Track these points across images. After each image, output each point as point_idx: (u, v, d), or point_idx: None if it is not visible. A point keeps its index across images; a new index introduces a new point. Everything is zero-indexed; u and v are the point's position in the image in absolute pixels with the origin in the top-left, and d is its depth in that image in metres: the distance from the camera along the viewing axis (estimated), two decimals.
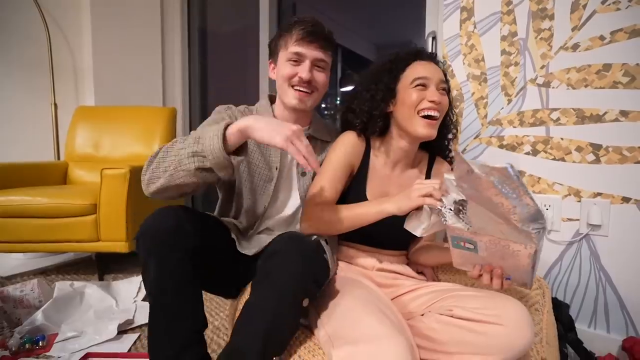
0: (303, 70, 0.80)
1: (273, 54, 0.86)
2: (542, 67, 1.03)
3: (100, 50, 1.99)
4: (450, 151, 0.91)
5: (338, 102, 2.59)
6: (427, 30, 1.32)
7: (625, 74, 0.91)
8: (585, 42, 0.96)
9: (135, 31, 2.12)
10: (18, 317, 1.10)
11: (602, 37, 0.93)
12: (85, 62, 2.03)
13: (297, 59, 0.81)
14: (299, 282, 0.61)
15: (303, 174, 0.88)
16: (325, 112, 2.78)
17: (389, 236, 0.83)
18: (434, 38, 1.27)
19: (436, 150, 0.90)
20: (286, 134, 0.61)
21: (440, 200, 0.63)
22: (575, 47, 0.97)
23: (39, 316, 1.07)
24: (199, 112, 2.37)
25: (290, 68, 0.81)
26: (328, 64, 0.85)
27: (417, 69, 0.79)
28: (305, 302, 0.63)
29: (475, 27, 1.14)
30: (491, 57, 1.11)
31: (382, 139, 0.86)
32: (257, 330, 0.58)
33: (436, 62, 0.82)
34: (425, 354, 0.64)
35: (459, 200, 0.61)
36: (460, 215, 0.61)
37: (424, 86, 0.77)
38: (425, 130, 0.77)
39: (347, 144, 0.83)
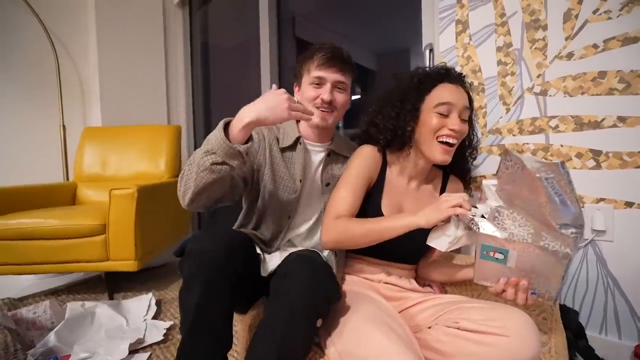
0: (324, 92, 0.87)
1: (297, 78, 0.94)
2: (538, 76, 1.05)
3: (106, 70, 2.04)
4: (468, 171, 0.92)
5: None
6: (424, 42, 1.35)
7: (620, 80, 0.93)
8: (579, 50, 0.98)
9: (140, 50, 2.18)
10: (31, 339, 1.11)
11: (595, 46, 0.95)
12: (91, 82, 2.09)
13: (319, 82, 0.88)
14: (310, 300, 0.63)
15: (327, 184, 0.92)
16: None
17: (399, 250, 0.83)
18: (431, 50, 1.29)
19: (452, 168, 0.91)
20: (284, 107, 0.70)
21: (470, 210, 0.63)
22: (569, 55, 0.99)
23: (51, 338, 1.08)
24: (203, 128, 2.41)
25: (313, 91, 0.88)
26: (348, 85, 0.91)
27: (443, 93, 0.78)
28: (319, 323, 0.64)
29: (470, 39, 1.16)
30: (488, 67, 1.13)
31: (399, 154, 0.86)
32: (270, 351, 0.59)
33: (463, 84, 0.82)
34: None
35: (496, 206, 0.61)
36: (496, 222, 0.61)
37: (447, 112, 0.77)
38: (441, 156, 0.78)
39: (366, 157, 0.84)
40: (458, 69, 1.19)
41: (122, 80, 2.11)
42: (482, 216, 0.62)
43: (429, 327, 0.72)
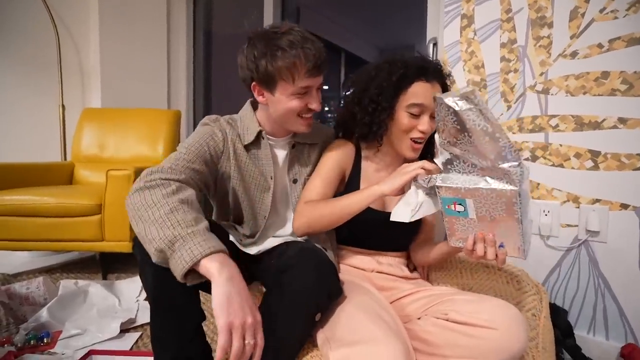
0: (314, 102, 0.77)
1: (267, 83, 0.75)
2: (541, 74, 1.04)
3: (107, 52, 2.02)
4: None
5: (342, 105, 2.61)
6: (429, 36, 1.34)
7: (623, 81, 0.92)
8: (583, 49, 0.97)
9: (142, 34, 2.16)
10: (23, 314, 1.12)
11: (600, 45, 0.94)
12: (92, 64, 2.07)
13: (306, 92, 0.77)
14: (313, 298, 0.62)
15: (294, 181, 0.88)
16: (329, 115, 2.80)
17: (386, 238, 0.85)
18: (434, 44, 1.28)
19: (426, 155, 0.91)
20: (233, 322, 0.52)
21: (430, 172, 0.66)
22: (573, 54, 0.98)
23: (44, 313, 1.09)
24: (203, 114, 2.40)
25: (298, 102, 0.76)
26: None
27: (416, 92, 0.77)
28: (318, 317, 0.64)
29: (475, 34, 1.15)
30: (491, 63, 1.12)
31: (373, 145, 0.87)
32: (267, 345, 0.59)
33: (442, 80, 0.81)
34: (421, 357, 0.65)
35: (447, 159, 0.63)
36: (450, 172, 0.63)
37: (418, 113, 0.78)
38: (409, 153, 0.81)
39: (338, 149, 0.86)
40: (461, 64, 1.18)
41: (123, 63, 2.09)
42: (440, 171, 0.65)
43: (419, 318, 0.72)
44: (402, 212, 0.68)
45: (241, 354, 0.52)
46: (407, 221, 0.67)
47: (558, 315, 0.97)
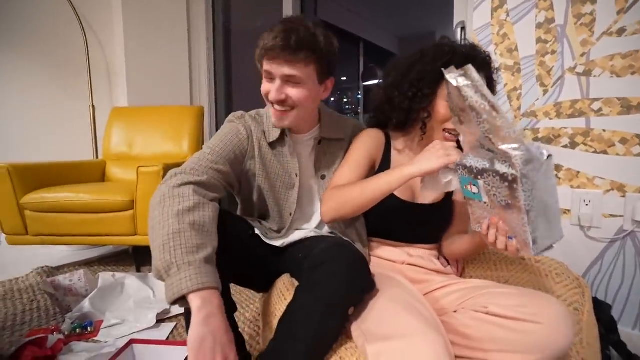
0: (272, 90, 0.74)
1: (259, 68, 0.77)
2: (582, 55, 0.97)
3: (131, 52, 2.08)
4: None
5: (359, 96, 2.56)
6: (456, 20, 1.28)
7: None
8: (632, 25, 0.89)
9: (164, 33, 2.20)
10: (68, 304, 1.19)
11: None
12: (118, 64, 2.14)
13: (270, 77, 0.75)
14: (346, 294, 0.62)
15: (322, 177, 0.87)
16: (347, 107, 2.75)
17: (416, 229, 0.83)
18: (463, 28, 1.23)
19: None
20: (205, 354, 0.53)
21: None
22: (620, 31, 0.91)
23: (86, 304, 1.15)
24: (225, 109, 2.43)
25: (265, 85, 0.76)
26: (303, 78, 0.73)
27: None
28: (351, 311, 0.64)
29: (508, 15, 1.09)
30: (525, 46, 1.06)
31: (404, 134, 0.84)
32: (302, 339, 0.60)
33: (488, 71, 0.76)
34: (459, 350, 0.63)
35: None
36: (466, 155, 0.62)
37: None
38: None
39: (368, 137, 0.84)
40: (492, 47, 1.12)
41: (147, 62, 2.14)
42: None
43: (455, 311, 0.70)
44: (433, 185, 0.67)
45: None
46: (438, 191, 0.65)
47: (601, 309, 0.92)
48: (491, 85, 0.78)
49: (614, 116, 0.94)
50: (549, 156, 0.52)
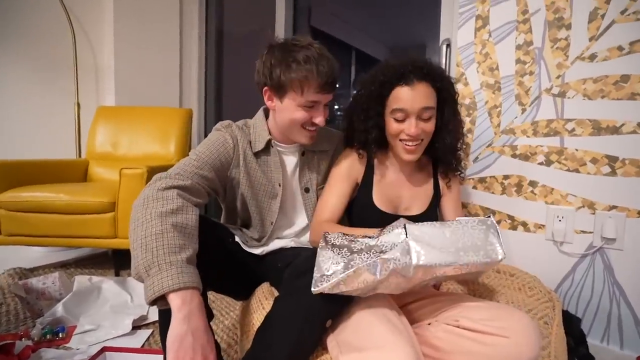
0: (318, 116, 0.79)
1: (278, 91, 0.78)
2: (557, 77, 1.02)
3: (121, 51, 2.05)
4: (456, 162, 0.90)
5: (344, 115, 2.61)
6: (442, 37, 1.32)
7: None
8: (602, 52, 0.94)
9: (155, 33, 2.18)
10: (40, 308, 1.15)
11: (620, 48, 0.92)
12: (106, 63, 2.11)
13: (313, 105, 0.79)
14: (326, 304, 0.62)
15: (306, 189, 0.89)
16: (338, 113, 2.80)
17: None
18: (448, 45, 1.27)
19: (436, 160, 0.92)
20: (185, 352, 0.53)
21: None
22: (592, 57, 0.96)
23: (59, 308, 1.12)
24: (214, 113, 2.42)
25: (303, 114, 0.78)
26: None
27: (398, 97, 0.78)
28: (329, 323, 0.64)
29: (490, 36, 1.13)
30: (506, 65, 1.11)
31: (384, 149, 0.88)
32: (279, 349, 0.60)
33: (427, 79, 0.78)
34: None
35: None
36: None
37: (402, 118, 0.78)
38: (406, 156, 0.81)
39: (346, 160, 0.88)
40: (474, 65, 1.16)
41: (137, 62, 2.12)
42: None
43: (429, 324, 0.72)
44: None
45: None
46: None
47: (571, 322, 0.95)
48: (443, 94, 0.81)
49: (585, 136, 0.98)
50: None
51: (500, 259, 0.59)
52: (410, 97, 0.77)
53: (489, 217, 0.63)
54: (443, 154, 0.86)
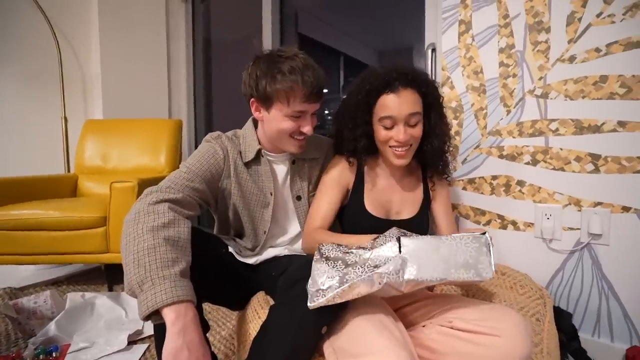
0: (306, 125, 0.80)
1: (265, 102, 0.79)
2: (540, 79, 1.04)
3: (108, 63, 2.04)
4: (444, 165, 0.92)
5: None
6: (427, 42, 1.35)
7: (621, 85, 0.93)
8: (581, 54, 0.97)
9: (142, 44, 2.17)
10: (32, 328, 1.13)
11: (597, 50, 0.95)
12: (93, 75, 2.09)
13: (300, 115, 0.79)
14: (321, 312, 0.63)
15: (298, 197, 0.90)
16: (329, 118, 2.82)
17: None
18: (433, 50, 1.29)
19: (425, 164, 0.93)
20: None
21: None
22: (571, 59, 0.99)
23: (52, 327, 1.10)
24: (204, 123, 2.41)
25: (291, 124, 0.79)
26: None
27: (385, 105, 0.79)
28: (324, 330, 0.65)
29: (473, 40, 1.16)
30: (490, 69, 1.13)
31: (373, 155, 0.90)
32: (276, 356, 0.60)
33: (412, 85, 0.80)
34: None
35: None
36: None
37: (390, 125, 0.79)
38: (396, 161, 0.82)
39: (336, 167, 0.89)
40: (459, 69, 1.19)
41: (124, 74, 2.11)
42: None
43: (423, 326, 0.73)
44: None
45: None
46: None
47: (562, 318, 0.97)
48: (429, 99, 0.83)
49: (569, 136, 1.01)
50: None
51: (489, 278, 0.61)
52: (396, 104, 0.78)
53: (484, 233, 0.64)
54: (431, 157, 0.88)
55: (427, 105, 0.84)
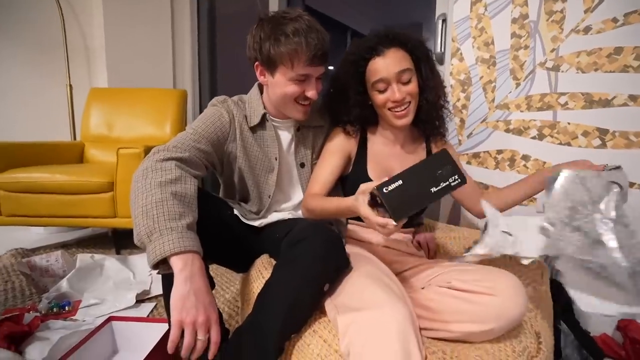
0: (311, 89, 0.79)
1: (269, 65, 0.78)
2: (552, 51, 1.02)
3: (111, 31, 2.01)
4: (441, 125, 0.91)
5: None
6: (437, 12, 1.31)
7: (636, 57, 0.90)
8: (597, 24, 0.95)
9: (146, 12, 2.13)
10: (45, 284, 1.18)
11: (615, 20, 0.92)
12: (97, 43, 2.06)
13: (304, 79, 0.78)
14: (322, 269, 0.65)
15: (302, 164, 0.91)
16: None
17: None
18: (444, 20, 1.26)
19: (425, 128, 0.91)
20: (184, 320, 0.55)
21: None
22: (587, 29, 0.96)
23: (64, 284, 1.15)
24: (209, 93, 2.40)
25: (295, 87, 0.78)
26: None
27: (374, 69, 0.79)
28: (326, 287, 0.67)
29: (486, 10, 1.12)
30: (501, 40, 1.10)
31: (373, 124, 0.90)
32: (278, 312, 0.63)
33: (396, 44, 0.79)
34: (424, 323, 0.68)
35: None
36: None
37: (384, 87, 0.79)
38: (399, 121, 0.82)
39: (339, 135, 0.89)
40: (470, 40, 1.16)
41: (128, 42, 2.07)
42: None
43: (422, 288, 0.75)
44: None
45: (192, 348, 0.56)
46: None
47: (559, 289, 0.99)
48: (416, 53, 0.82)
49: (578, 110, 1.00)
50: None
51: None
52: (384, 65, 0.78)
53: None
54: (426, 113, 0.86)
55: (416, 60, 0.83)
